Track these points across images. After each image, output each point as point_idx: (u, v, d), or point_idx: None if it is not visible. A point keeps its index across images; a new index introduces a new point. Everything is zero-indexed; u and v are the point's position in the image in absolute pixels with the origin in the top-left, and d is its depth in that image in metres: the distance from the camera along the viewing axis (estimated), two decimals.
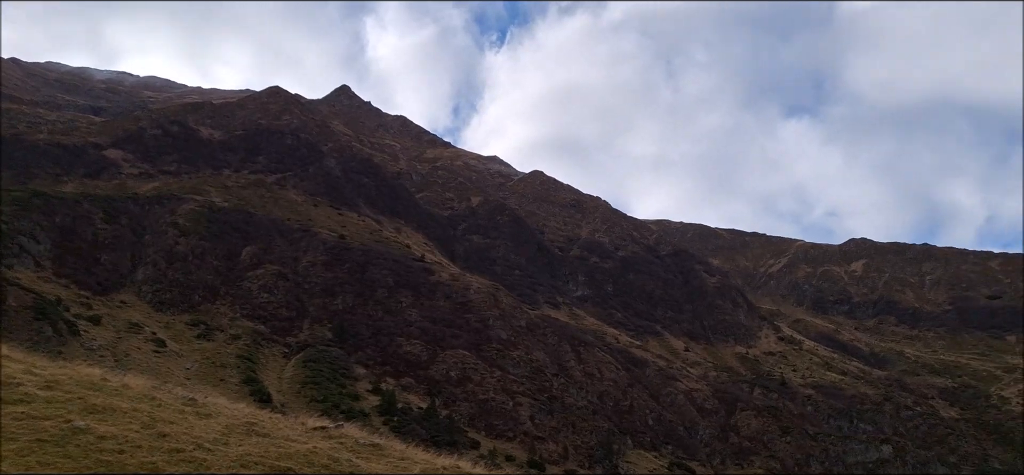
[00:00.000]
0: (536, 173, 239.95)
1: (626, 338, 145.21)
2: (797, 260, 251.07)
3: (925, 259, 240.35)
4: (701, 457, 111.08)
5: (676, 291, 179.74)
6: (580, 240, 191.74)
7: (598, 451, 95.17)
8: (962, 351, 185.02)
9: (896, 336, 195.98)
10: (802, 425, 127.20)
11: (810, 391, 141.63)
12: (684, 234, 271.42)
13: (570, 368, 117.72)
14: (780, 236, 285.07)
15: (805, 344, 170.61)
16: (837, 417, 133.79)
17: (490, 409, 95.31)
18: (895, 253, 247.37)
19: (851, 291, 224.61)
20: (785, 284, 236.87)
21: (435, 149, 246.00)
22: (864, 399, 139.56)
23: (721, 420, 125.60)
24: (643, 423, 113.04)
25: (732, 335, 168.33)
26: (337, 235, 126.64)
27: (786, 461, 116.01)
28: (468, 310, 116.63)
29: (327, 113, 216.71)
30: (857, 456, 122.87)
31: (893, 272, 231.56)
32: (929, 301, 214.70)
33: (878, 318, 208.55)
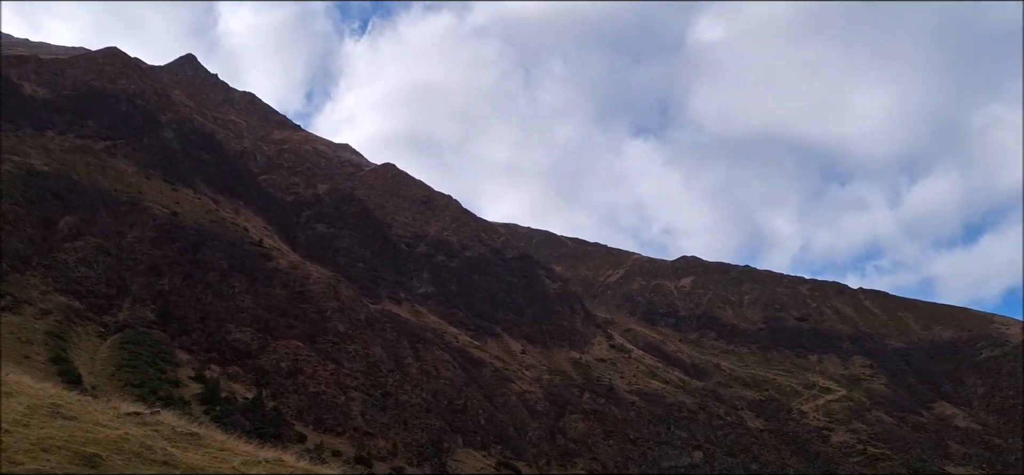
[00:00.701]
0: (388, 166, 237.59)
1: (466, 338, 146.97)
2: (633, 273, 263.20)
3: (746, 280, 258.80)
4: (528, 457, 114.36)
5: (518, 295, 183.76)
6: (428, 237, 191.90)
7: (428, 449, 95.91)
8: (771, 367, 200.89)
9: (715, 350, 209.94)
10: (625, 429, 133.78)
11: (635, 397, 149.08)
12: (531, 240, 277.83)
13: (407, 365, 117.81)
14: (620, 248, 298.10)
15: (634, 352, 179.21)
16: (656, 423, 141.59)
17: (321, 403, 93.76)
18: (720, 272, 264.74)
19: (679, 305, 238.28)
20: (621, 294, 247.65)
21: (284, 131, 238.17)
22: (682, 407, 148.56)
23: (551, 422, 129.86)
24: (475, 422, 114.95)
25: (568, 340, 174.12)
26: (169, 212, 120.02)
27: (607, 463, 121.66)
28: (306, 300, 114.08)
29: (169, 82, 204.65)
30: (671, 461, 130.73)
31: (717, 290, 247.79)
32: (746, 319, 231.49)
33: (700, 332, 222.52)
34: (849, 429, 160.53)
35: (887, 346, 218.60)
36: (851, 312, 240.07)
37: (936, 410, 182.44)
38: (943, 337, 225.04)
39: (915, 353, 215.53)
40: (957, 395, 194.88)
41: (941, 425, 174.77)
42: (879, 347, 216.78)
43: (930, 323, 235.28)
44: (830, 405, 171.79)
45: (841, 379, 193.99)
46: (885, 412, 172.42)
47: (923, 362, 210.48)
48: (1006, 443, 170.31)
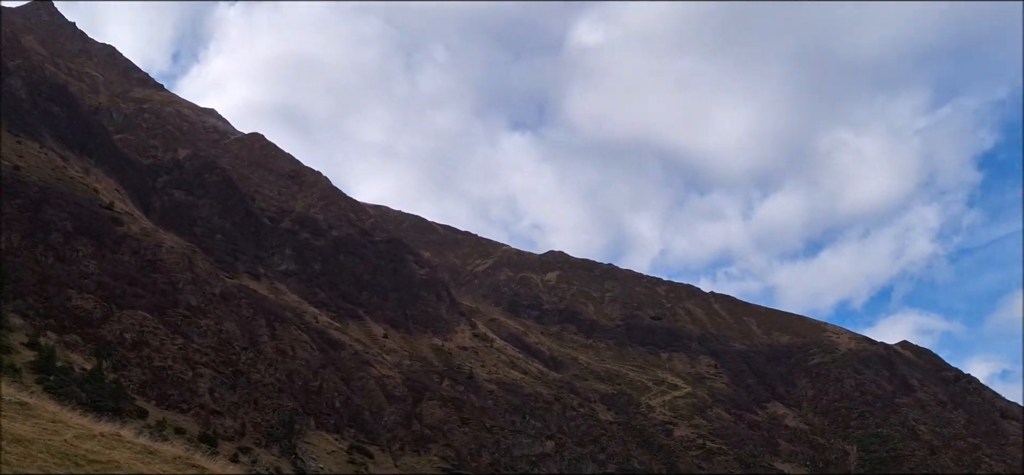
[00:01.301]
0: (256, 136, 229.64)
1: (326, 319, 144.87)
2: (501, 264, 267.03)
3: (608, 278, 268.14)
4: (382, 442, 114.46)
5: (384, 278, 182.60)
6: (294, 213, 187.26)
7: (278, 430, 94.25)
8: (625, 362, 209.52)
9: (574, 343, 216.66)
10: (481, 418, 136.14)
11: (494, 386, 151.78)
12: (401, 223, 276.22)
13: (262, 343, 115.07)
14: (490, 239, 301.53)
15: (496, 342, 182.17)
16: (513, 412, 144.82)
17: (166, 378, 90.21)
18: (585, 269, 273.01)
19: (543, 298, 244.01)
20: (487, 284, 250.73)
21: (145, 89, 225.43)
22: (538, 398, 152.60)
23: (408, 407, 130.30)
24: (330, 405, 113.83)
25: (432, 327, 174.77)
26: (11, 165, 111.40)
27: (461, 450, 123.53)
28: (157, 270, 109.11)
29: (20, 26, 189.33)
30: (524, 449, 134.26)
31: (581, 286, 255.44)
32: (606, 315, 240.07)
33: (562, 325, 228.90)
34: (691, 424, 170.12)
35: (731, 347, 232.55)
36: (702, 314, 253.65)
37: (769, 409, 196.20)
38: (781, 342, 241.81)
39: (755, 355, 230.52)
40: (789, 396, 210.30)
41: (773, 424, 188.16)
42: (724, 348, 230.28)
43: (771, 328, 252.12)
44: (676, 401, 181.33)
45: (688, 377, 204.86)
46: (725, 410, 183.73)
47: (762, 364, 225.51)
48: (828, 443, 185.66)
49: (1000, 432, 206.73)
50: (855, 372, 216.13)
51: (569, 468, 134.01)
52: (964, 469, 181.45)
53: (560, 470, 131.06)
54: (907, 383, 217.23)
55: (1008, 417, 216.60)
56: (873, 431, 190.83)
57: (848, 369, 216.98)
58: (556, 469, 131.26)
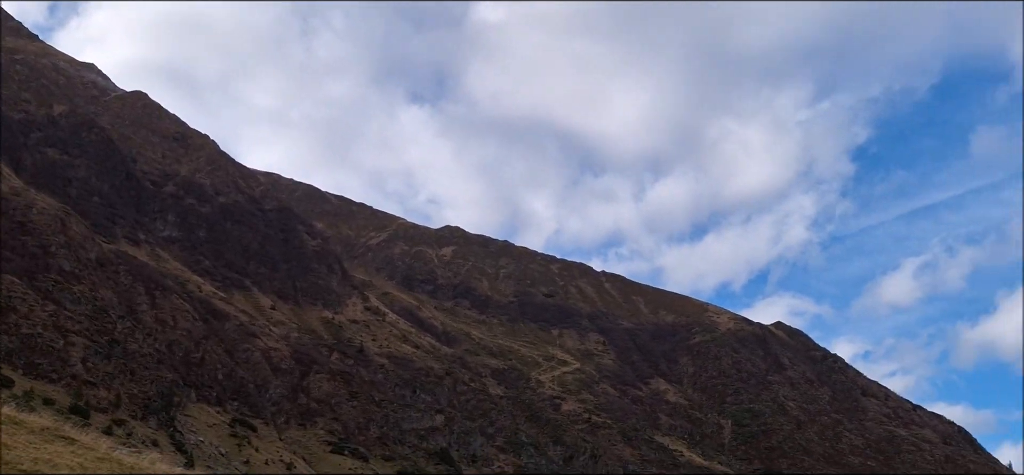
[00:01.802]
0: (139, 94, 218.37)
1: (210, 288, 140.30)
2: (396, 237, 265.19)
3: (503, 255, 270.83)
4: (267, 416, 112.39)
5: (274, 248, 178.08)
6: (178, 177, 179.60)
7: (156, 402, 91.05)
8: (517, 338, 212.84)
9: (467, 319, 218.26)
10: (370, 391, 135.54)
11: (384, 360, 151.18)
12: (293, 192, 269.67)
13: (141, 312, 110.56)
14: (385, 212, 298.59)
15: (388, 316, 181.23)
16: (403, 386, 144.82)
17: (35, 346, 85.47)
18: (480, 245, 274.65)
19: (438, 273, 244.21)
20: (382, 258, 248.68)
21: (17, 39, 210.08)
22: (430, 372, 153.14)
23: (294, 381, 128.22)
24: (213, 377, 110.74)
25: (322, 299, 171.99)
26: None
27: (348, 424, 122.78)
28: (27, 232, 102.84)
29: None
30: (413, 423, 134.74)
31: (476, 261, 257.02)
32: (499, 291, 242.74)
33: (455, 301, 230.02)
34: (578, 399, 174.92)
35: (620, 325, 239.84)
36: (593, 292, 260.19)
37: (653, 385, 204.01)
38: (666, 321, 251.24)
39: (642, 333, 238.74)
40: (672, 373, 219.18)
41: (655, 399, 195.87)
42: (613, 326, 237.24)
43: (657, 308, 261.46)
44: (565, 376, 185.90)
45: (577, 353, 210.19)
46: (611, 385, 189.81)
47: (647, 342, 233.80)
48: (705, 417, 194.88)
49: (860, 408, 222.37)
50: (733, 351, 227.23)
51: (458, 442, 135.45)
52: (827, 443, 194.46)
53: (448, 444, 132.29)
54: (779, 362, 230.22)
55: (868, 395, 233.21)
56: (746, 406, 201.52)
57: (726, 348, 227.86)
58: (445, 442, 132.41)
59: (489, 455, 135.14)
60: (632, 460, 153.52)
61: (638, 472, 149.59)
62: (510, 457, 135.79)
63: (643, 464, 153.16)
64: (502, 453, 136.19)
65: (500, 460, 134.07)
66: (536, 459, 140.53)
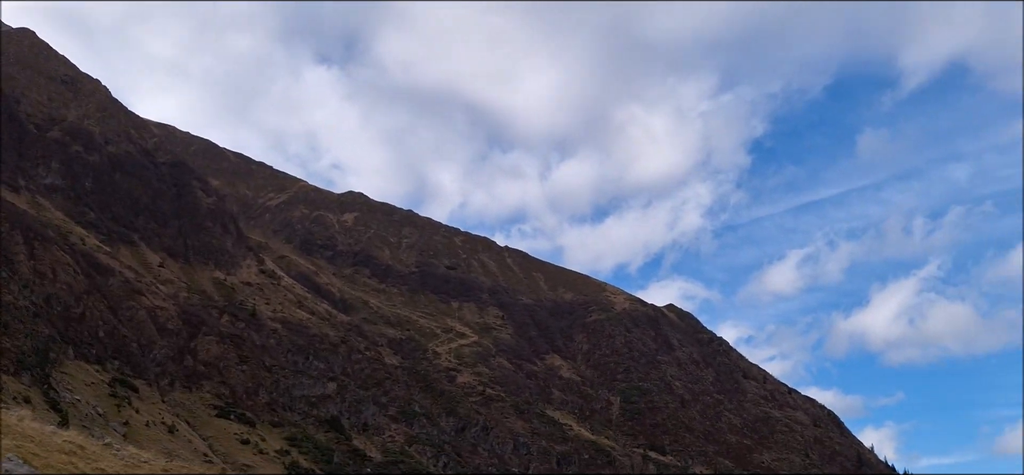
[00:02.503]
0: (26, 32, 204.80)
1: (95, 241, 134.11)
2: (297, 200, 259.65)
3: (407, 224, 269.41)
4: (150, 377, 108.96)
5: (166, 203, 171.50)
6: (65, 123, 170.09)
7: (30, 357, 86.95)
8: (416, 309, 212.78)
9: (367, 287, 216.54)
10: (261, 356, 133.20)
11: (277, 325, 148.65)
12: (189, 146, 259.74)
13: (18, 263, 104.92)
14: (286, 173, 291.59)
15: (284, 281, 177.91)
16: (296, 353, 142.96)
17: None
18: (384, 213, 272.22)
19: (338, 239, 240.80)
20: (280, 220, 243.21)
21: None
22: (324, 339, 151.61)
23: (181, 342, 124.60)
24: (93, 334, 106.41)
25: (214, 259, 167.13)
26: None
27: (236, 388, 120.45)
28: None
29: None
30: (304, 390, 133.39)
31: (378, 229, 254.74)
32: (401, 261, 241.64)
33: (355, 268, 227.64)
34: (474, 371, 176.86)
35: (519, 301, 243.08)
36: (495, 267, 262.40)
37: (548, 361, 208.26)
38: (565, 298, 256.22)
39: (540, 310, 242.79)
40: (567, 349, 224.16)
41: (549, 374, 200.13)
42: (512, 301, 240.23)
43: (557, 285, 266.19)
44: (462, 349, 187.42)
45: (476, 326, 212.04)
46: (507, 359, 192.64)
47: (545, 318, 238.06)
48: (596, 393, 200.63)
49: (741, 390, 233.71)
50: (626, 330, 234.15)
51: (349, 410, 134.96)
52: (708, 421, 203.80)
53: (340, 412, 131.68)
54: (669, 342, 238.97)
55: (749, 377, 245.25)
56: (636, 384, 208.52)
57: (620, 327, 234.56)
58: (336, 410, 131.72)
59: (381, 424, 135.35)
60: (523, 433, 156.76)
61: (527, 444, 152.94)
62: (402, 427, 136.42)
63: (533, 437, 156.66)
64: (394, 423, 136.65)
65: (391, 429, 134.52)
66: (428, 429, 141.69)
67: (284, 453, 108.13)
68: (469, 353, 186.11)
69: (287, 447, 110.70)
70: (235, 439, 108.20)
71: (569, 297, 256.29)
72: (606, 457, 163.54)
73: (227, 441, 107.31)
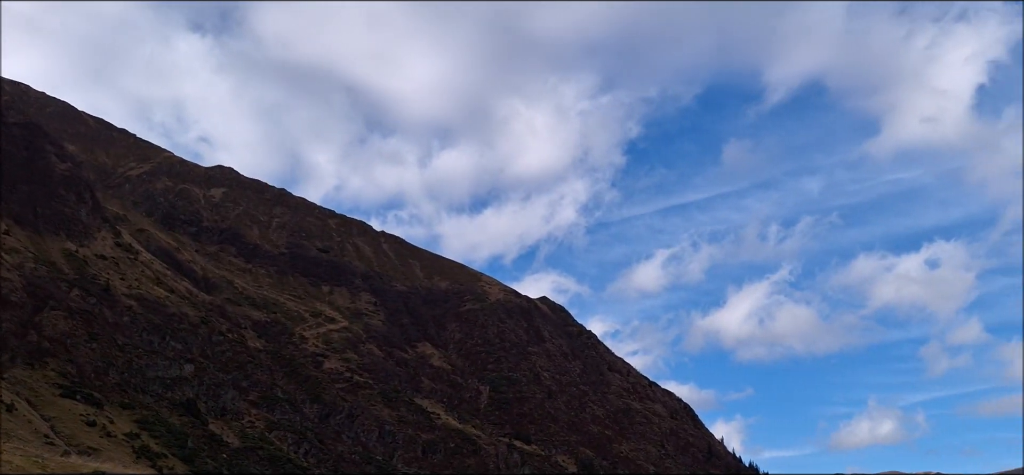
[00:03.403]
0: None
1: None
2: (160, 171, 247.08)
3: (279, 203, 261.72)
4: None
5: (15, 167, 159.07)
6: None
7: None
8: (285, 291, 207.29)
9: (232, 266, 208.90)
10: (113, 334, 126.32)
11: (132, 302, 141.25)
12: (43, 108, 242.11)
13: None
14: (150, 142, 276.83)
15: (142, 255, 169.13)
16: (152, 332, 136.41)
17: None
18: (255, 191, 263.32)
19: (204, 215, 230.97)
20: (141, 192, 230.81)
21: None
22: (183, 319, 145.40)
23: (25, 316, 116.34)
24: None
25: (66, 229, 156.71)
26: None
27: (85, 367, 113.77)
28: None
29: None
30: (159, 371, 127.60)
31: (248, 207, 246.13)
32: (270, 241, 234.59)
33: (221, 246, 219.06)
34: (342, 358, 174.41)
35: (393, 287, 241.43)
36: (369, 252, 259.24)
37: (419, 349, 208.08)
38: (440, 287, 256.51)
39: (414, 297, 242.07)
40: (439, 338, 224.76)
41: (420, 362, 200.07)
42: (386, 287, 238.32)
43: (432, 273, 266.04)
44: (330, 334, 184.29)
45: (346, 312, 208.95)
46: (377, 346, 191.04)
47: (419, 306, 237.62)
48: (466, 382, 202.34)
49: (605, 382, 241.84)
50: (499, 320, 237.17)
51: (207, 393, 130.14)
52: (572, 412, 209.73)
53: (197, 395, 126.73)
54: (540, 334, 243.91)
55: (613, 370, 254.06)
56: (505, 374, 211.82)
57: (494, 317, 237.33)
58: (193, 393, 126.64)
59: (241, 409, 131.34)
60: (389, 420, 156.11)
61: (393, 432, 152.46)
62: (263, 412, 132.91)
63: (399, 425, 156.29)
64: (255, 408, 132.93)
65: (252, 415, 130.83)
66: (291, 416, 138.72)
67: (134, 437, 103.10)
68: (338, 339, 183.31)
69: (137, 430, 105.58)
70: (80, 420, 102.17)
71: (445, 285, 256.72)
72: (472, 446, 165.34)
73: (71, 422, 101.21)
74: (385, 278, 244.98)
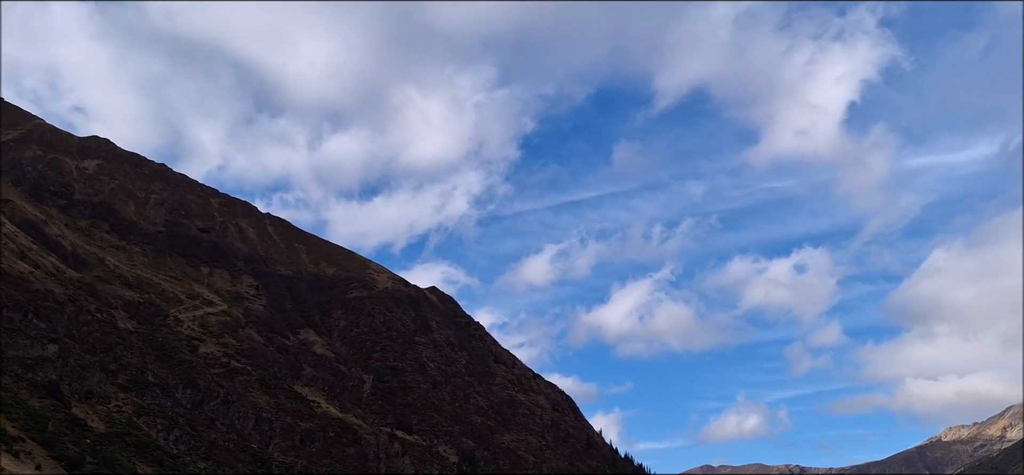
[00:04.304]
0: None
1: None
2: (30, 139, 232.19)
3: (158, 179, 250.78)
4: None
5: None
6: None
7: None
8: (160, 271, 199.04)
9: (105, 243, 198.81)
10: None
11: None
12: None
13: None
14: (19, 107, 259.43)
15: (6, 227, 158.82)
16: (13, 309, 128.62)
17: None
18: (133, 165, 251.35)
19: (76, 187, 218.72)
20: (8, 160, 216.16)
21: None
22: (48, 296, 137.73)
23: None
24: None
25: None
26: None
27: None
28: None
29: None
30: (20, 350, 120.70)
31: (124, 181, 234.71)
32: (147, 218, 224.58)
33: (93, 220, 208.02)
34: (219, 342, 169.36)
35: (277, 272, 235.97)
36: (253, 234, 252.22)
37: (302, 336, 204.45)
38: (327, 273, 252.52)
39: (299, 282, 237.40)
40: (323, 325, 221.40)
41: (302, 349, 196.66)
42: (270, 271, 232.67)
43: (319, 259, 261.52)
44: (208, 317, 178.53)
45: (226, 295, 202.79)
46: (257, 331, 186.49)
47: (304, 292, 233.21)
48: (349, 371, 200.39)
49: (491, 373, 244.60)
50: (386, 309, 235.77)
51: (72, 375, 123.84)
52: (457, 403, 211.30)
53: (60, 377, 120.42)
54: (428, 324, 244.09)
55: (499, 361, 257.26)
56: (390, 364, 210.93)
57: (381, 306, 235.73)
58: (55, 375, 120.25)
59: (108, 393, 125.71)
60: (267, 408, 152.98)
61: (271, 420, 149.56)
62: (131, 396, 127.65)
63: (277, 412, 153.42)
64: (123, 392, 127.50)
65: (119, 398, 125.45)
66: (161, 400, 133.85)
67: None
68: (216, 322, 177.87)
69: None
70: None
71: (331, 272, 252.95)
72: (352, 435, 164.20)
73: None
74: (269, 261, 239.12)
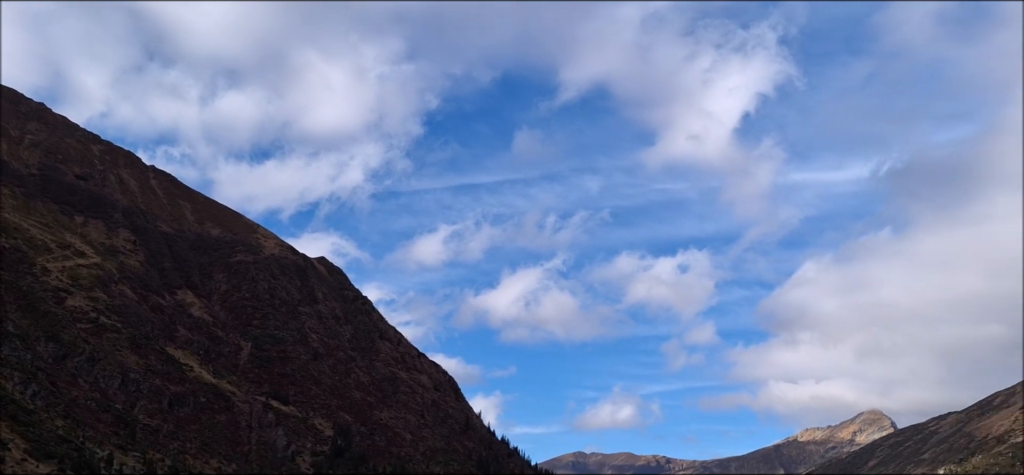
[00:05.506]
0: None
1: None
2: None
3: (35, 118, 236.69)
4: None
5: None
6: None
7: None
8: (30, 216, 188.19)
9: None
10: None
11: None
12: None
13: None
14: None
15: None
16: None
17: None
18: (8, 101, 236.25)
19: None
20: None
21: None
22: None
23: None
24: None
25: None
26: None
27: None
28: None
29: None
30: None
31: None
32: (20, 159, 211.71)
33: None
34: (89, 296, 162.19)
35: (158, 228, 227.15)
36: (135, 186, 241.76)
37: (179, 296, 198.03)
38: (211, 233, 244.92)
39: (181, 241, 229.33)
40: (203, 287, 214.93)
41: (178, 310, 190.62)
42: (150, 226, 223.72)
43: (204, 218, 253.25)
44: (78, 269, 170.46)
45: (100, 247, 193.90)
46: (131, 288, 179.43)
47: (185, 251, 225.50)
48: (226, 336, 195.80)
49: (375, 349, 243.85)
50: (272, 276, 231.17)
51: None
52: (337, 376, 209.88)
53: None
54: (314, 295, 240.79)
55: (384, 338, 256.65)
56: (271, 332, 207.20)
57: (266, 272, 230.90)
58: None
59: None
60: (136, 368, 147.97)
61: (138, 381, 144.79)
62: None
63: (146, 374, 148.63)
64: None
65: None
66: (21, 353, 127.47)
67: None
68: (87, 276, 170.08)
69: None
70: None
71: (216, 233, 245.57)
72: (225, 402, 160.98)
73: None
74: (150, 217, 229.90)
